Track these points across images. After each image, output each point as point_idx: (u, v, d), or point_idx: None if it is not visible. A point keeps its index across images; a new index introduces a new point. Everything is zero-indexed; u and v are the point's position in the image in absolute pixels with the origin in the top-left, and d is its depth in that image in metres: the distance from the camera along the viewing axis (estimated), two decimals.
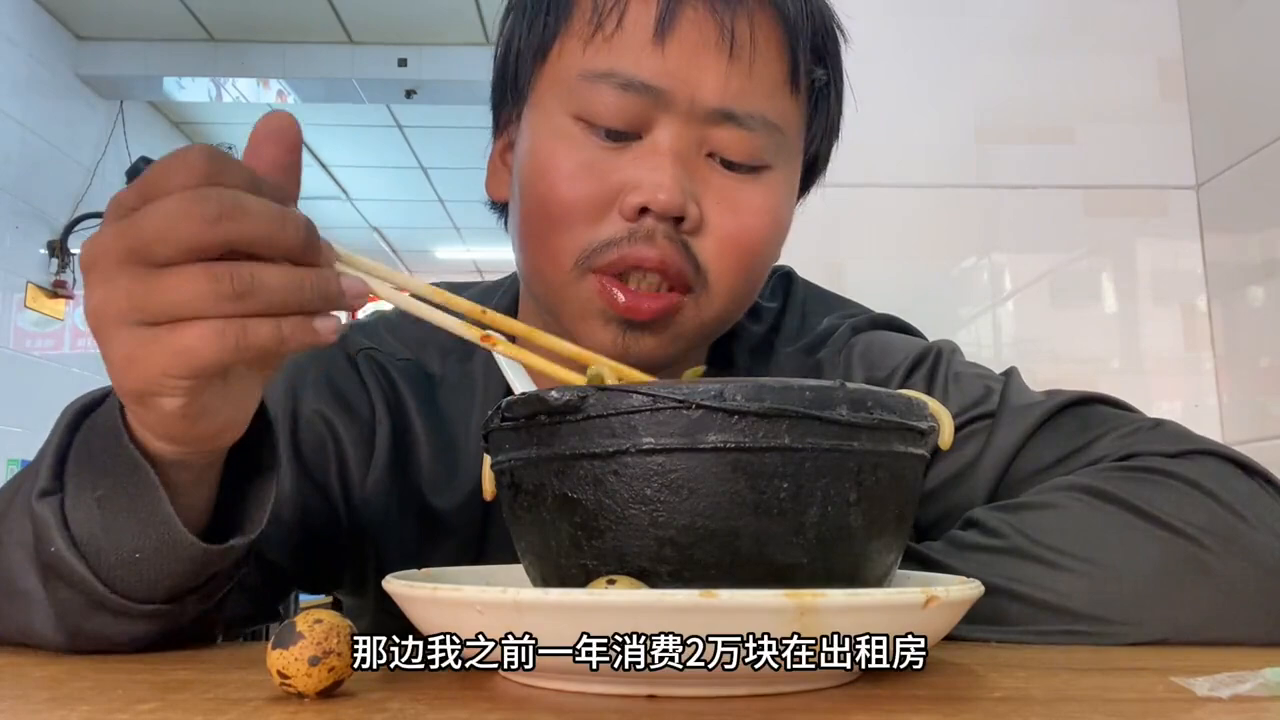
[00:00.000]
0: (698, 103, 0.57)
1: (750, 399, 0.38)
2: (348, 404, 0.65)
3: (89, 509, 0.44)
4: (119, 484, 0.44)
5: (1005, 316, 1.40)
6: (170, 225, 0.36)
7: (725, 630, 0.33)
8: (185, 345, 0.37)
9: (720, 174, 0.59)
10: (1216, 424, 1.35)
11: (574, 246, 0.58)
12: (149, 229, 0.36)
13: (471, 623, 0.36)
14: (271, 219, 0.37)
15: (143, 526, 0.43)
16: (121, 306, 0.37)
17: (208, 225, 0.36)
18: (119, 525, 0.44)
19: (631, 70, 0.57)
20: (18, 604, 0.47)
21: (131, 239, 0.37)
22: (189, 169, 0.37)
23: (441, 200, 6.17)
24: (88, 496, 0.44)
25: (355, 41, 4.32)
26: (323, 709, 0.34)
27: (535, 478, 0.42)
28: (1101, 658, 0.46)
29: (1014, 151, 1.40)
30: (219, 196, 0.36)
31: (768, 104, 0.59)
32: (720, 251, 0.58)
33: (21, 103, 3.99)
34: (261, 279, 0.37)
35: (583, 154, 0.58)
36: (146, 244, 0.36)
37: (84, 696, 0.38)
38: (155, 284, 0.36)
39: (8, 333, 3.96)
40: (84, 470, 0.45)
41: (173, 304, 0.36)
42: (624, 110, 0.57)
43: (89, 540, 0.44)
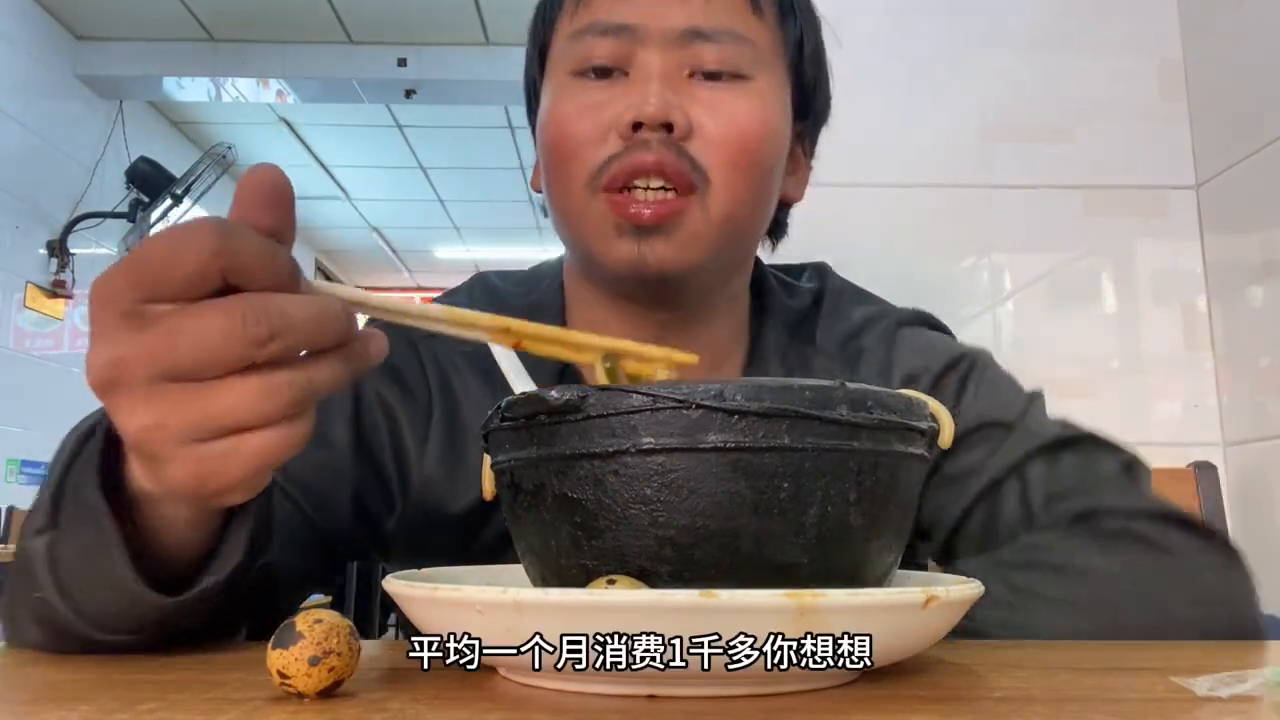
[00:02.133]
0: (668, 29, 0.64)
1: (750, 399, 0.38)
2: (407, 387, 0.68)
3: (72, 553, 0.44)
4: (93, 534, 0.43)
5: (1005, 316, 1.40)
6: (218, 349, 0.34)
7: (725, 630, 0.33)
8: (258, 450, 0.36)
9: (705, 86, 0.65)
10: (1216, 424, 1.35)
11: (583, 170, 0.64)
12: (189, 351, 0.34)
13: (471, 623, 0.36)
14: (314, 323, 0.36)
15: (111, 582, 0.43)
16: (180, 428, 0.35)
17: (259, 346, 0.35)
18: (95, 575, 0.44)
19: (608, 16, 0.65)
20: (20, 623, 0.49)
21: (170, 359, 0.34)
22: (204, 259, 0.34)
23: (441, 200, 6.17)
24: (76, 540, 0.44)
25: (355, 41, 4.32)
26: (323, 709, 0.34)
27: (535, 478, 0.42)
28: (1102, 658, 0.46)
29: (1014, 151, 1.40)
30: (264, 313, 0.35)
31: (732, 21, 0.65)
32: (714, 151, 0.63)
33: (21, 103, 3.99)
34: (314, 381, 0.37)
35: (581, 97, 0.66)
36: (189, 368, 0.35)
37: (84, 696, 0.38)
38: (214, 404, 0.35)
39: (7, 332, 3.96)
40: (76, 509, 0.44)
41: (238, 419, 0.35)
42: (607, 51, 0.65)
43: (70, 585, 0.44)
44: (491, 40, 4.29)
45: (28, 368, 4.08)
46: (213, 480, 0.37)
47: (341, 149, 5.41)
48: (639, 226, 0.62)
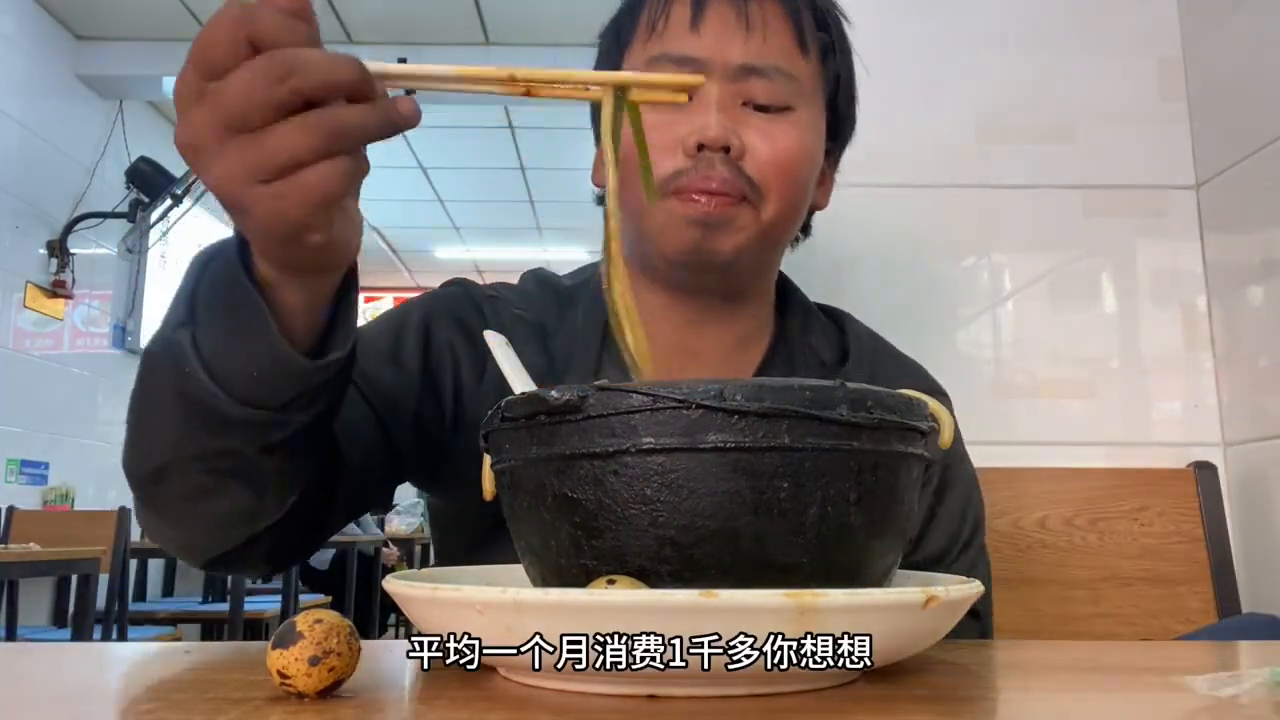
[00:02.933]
0: (728, 65, 0.75)
1: (750, 399, 0.38)
2: (470, 335, 0.79)
3: (215, 338, 0.53)
4: (238, 317, 0.52)
5: (1005, 316, 1.40)
6: (250, 93, 0.42)
7: (725, 630, 0.33)
8: (312, 184, 0.43)
9: (755, 116, 0.76)
10: (1216, 424, 1.35)
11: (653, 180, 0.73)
12: (233, 102, 0.42)
13: (471, 623, 0.36)
14: (328, 64, 0.43)
15: (257, 350, 0.52)
16: (245, 172, 0.43)
17: (279, 83, 0.42)
18: (239, 349, 0.52)
19: (678, 50, 0.76)
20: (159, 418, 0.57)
21: (222, 114, 0.42)
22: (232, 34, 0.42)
23: (441, 200, 6.17)
24: (215, 328, 0.53)
25: (355, 41, 4.32)
26: (323, 709, 0.34)
27: (535, 478, 0.42)
28: (1102, 658, 0.46)
29: (1014, 151, 1.40)
30: (280, 56, 0.42)
31: (782, 60, 0.76)
32: (764, 168, 0.74)
33: (21, 103, 3.98)
34: (345, 121, 0.44)
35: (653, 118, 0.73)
36: (238, 114, 0.42)
37: (84, 696, 0.38)
38: (264, 146, 0.43)
39: (7, 332, 3.96)
40: (212, 305, 0.53)
41: (288, 156, 0.43)
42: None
43: (215, 361, 0.53)
44: (491, 40, 4.29)
45: (28, 368, 4.08)
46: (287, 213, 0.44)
47: None
48: (705, 219, 0.73)
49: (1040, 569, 1.17)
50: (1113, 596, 1.17)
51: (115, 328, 4.70)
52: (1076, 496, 1.21)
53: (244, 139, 0.43)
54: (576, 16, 3.81)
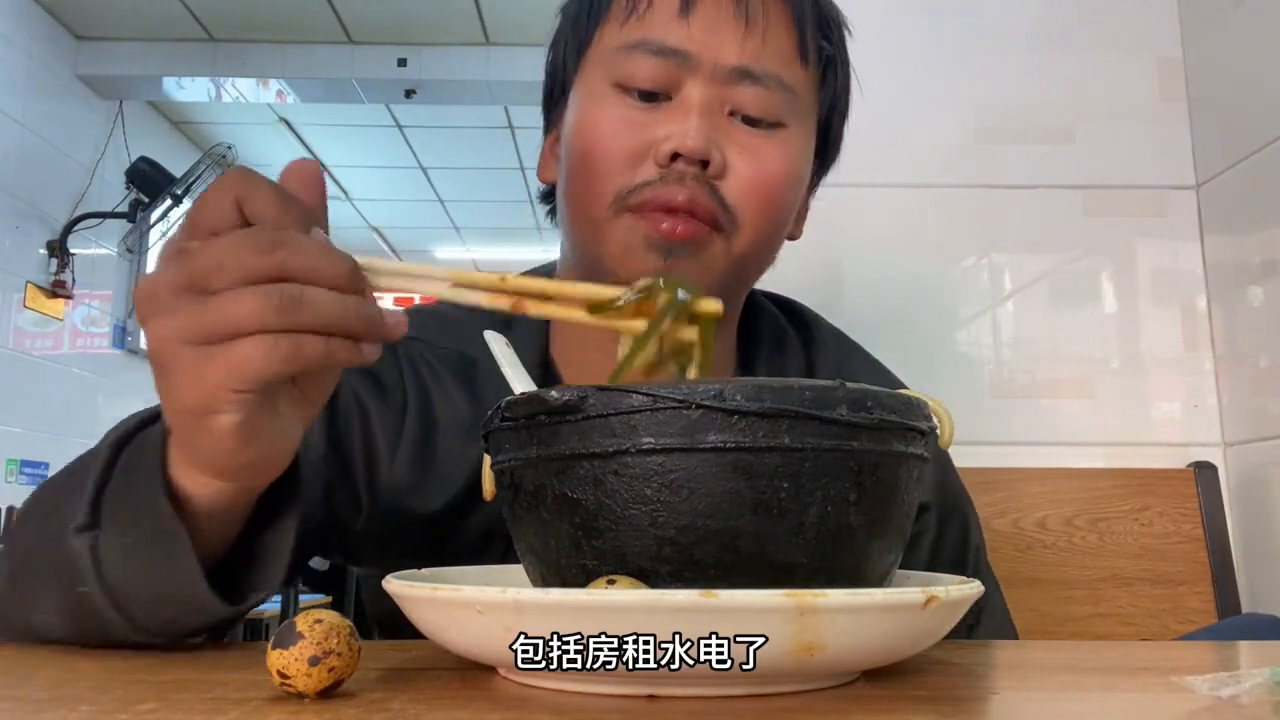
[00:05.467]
0: (719, 64, 0.65)
1: (750, 399, 0.38)
2: (382, 387, 0.69)
3: (119, 554, 0.46)
4: (151, 536, 0.45)
5: (1005, 316, 1.40)
6: (225, 257, 0.39)
7: (725, 630, 0.33)
8: (242, 357, 0.39)
9: (742, 129, 0.66)
10: (1216, 424, 1.35)
11: (611, 190, 0.64)
12: (204, 262, 0.39)
13: (471, 623, 0.36)
14: (318, 251, 0.40)
15: (171, 586, 0.46)
16: (180, 329, 0.40)
17: (261, 256, 0.39)
18: (148, 578, 0.46)
19: (661, 38, 0.65)
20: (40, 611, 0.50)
21: (187, 272, 0.40)
22: (226, 199, 0.40)
23: (441, 200, 6.16)
24: (119, 542, 0.46)
25: (355, 41, 4.32)
26: (323, 709, 0.34)
27: (535, 478, 0.42)
28: (1102, 658, 0.46)
29: (1014, 151, 1.40)
30: (271, 232, 0.40)
31: (781, 68, 0.66)
32: (744, 194, 0.65)
33: (21, 103, 3.98)
34: (309, 296, 0.39)
35: (621, 112, 0.66)
36: (203, 275, 0.39)
37: (84, 696, 0.38)
38: (211, 305, 0.39)
39: (7, 332, 3.96)
40: (120, 512, 0.47)
41: (228, 321, 0.39)
42: (656, 73, 0.65)
43: (118, 586, 0.46)
44: (491, 40, 4.28)
45: (27, 368, 4.07)
46: (200, 380, 0.40)
47: (341, 149, 5.41)
48: (669, 242, 0.63)
49: (1040, 569, 1.17)
50: (1113, 596, 1.17)
51: (115, 328, 4.70)
52: (1076, 496, 1.21)
53: (195, 298, 0.39)
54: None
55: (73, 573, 0.46)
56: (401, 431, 0.68)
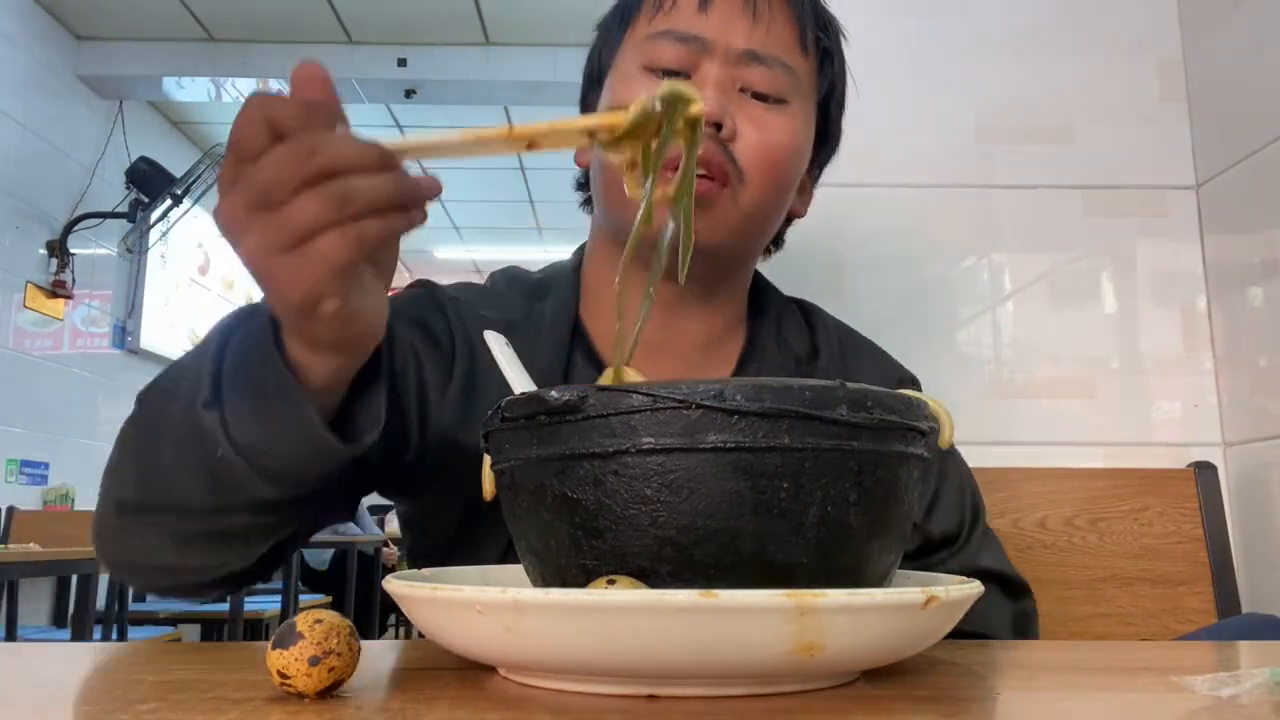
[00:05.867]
0: (732, 48, 0.76)
1: (750, 399, 0.38)
2: (434, 338, 0.78)
3: (248, 423, 0.54)
4: (272, 402, 0.53)
5: (1005, 316, 1.40)
6: (276, 172, 0.45)
7: (725, 630, 0.33)
8: (322, 252, 0.46)
9: (751, 103, 0.77)
10: (1216, 424, 1.35)
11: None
12: (260, 180, 0.45)
13: (471, 623, 0.36)
14: (349, 146, 0.46)
15: (296, 436, 0.54)
16: (264, 243, 0.46)
17: (305, 162, 0.45)
18: (276, 434, 0.54)
19: (683, 27, 0.77)
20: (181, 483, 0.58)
21: (250, 193, 0.45)
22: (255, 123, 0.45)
23: (441, 200, 6.17)
24: (245, 412, 0.54)
25: (355, 41, 4.32)
26: (323, 709, 0.34)
27: (535, 478, 0.42)
28: (1102, 658, 0.46)
29: (1014, 151, 1.40)
30: (307, 141, 0.45)
31: (784, 53, 0.78)
32: (751, 154, 0.75)
33: (21, 103, 3.98)
34: (355, 186, 0.45)
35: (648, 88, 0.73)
36: (264, 192, 0.45)
37: (84, 697, 0.38)
38: (281, 217, 0.45)
39: (7, 332, 3.96)
40: (239, 386, 0.55)
41: (300, 226, 0.45)
42: (678, 56, 0.77)
43: (248, 446, 0.54)
44: (491, 40, 4.29)
45: (27, 368, 4.08)
46: (301, 280, 0.46)
47: None
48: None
49: (1040, 569, 1.17)
50: (1113, 596, 1.17)
51: (115, 328, 4.70)
52: (1076, 497, 1.21)
53: (268, 214, 0.46)
54: (576, 17, 3.81)
55: (206, 441, 0.55)
56: (450, 377, 0.77)
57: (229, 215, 0.47)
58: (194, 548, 0.62)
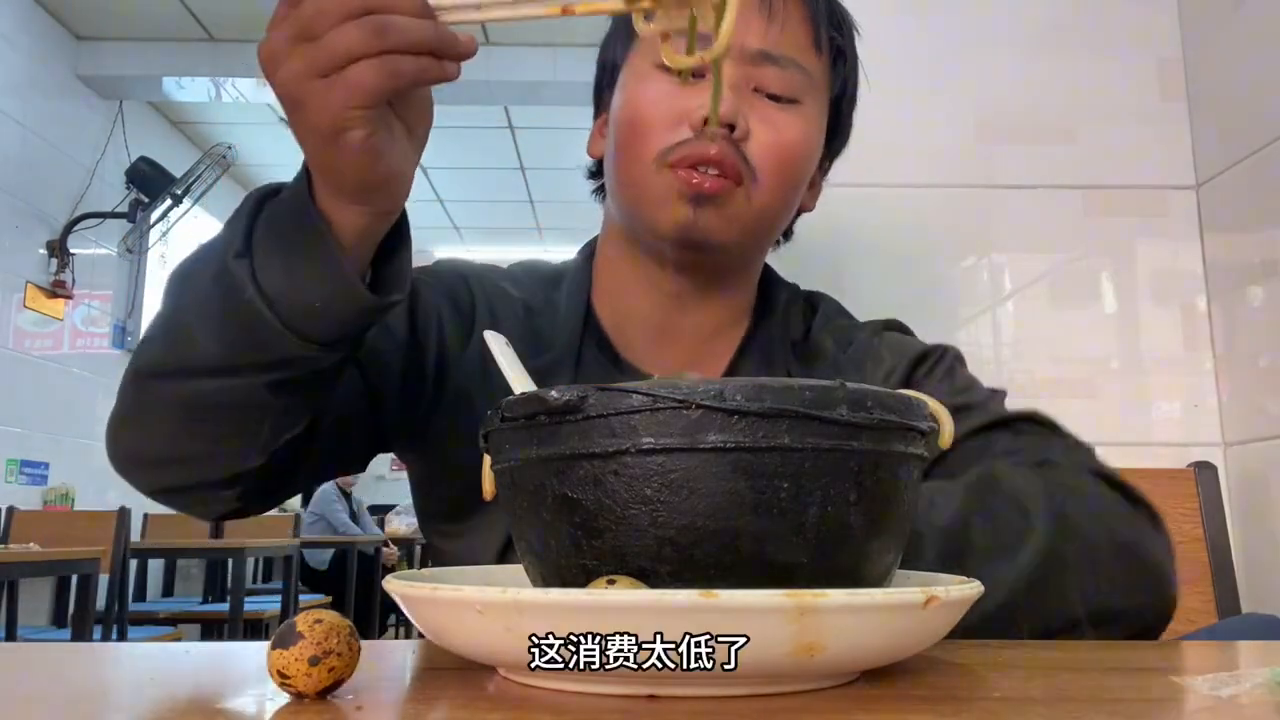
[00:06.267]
0: (746, 48, 0.76)
1: (750, 399, 0.38)
2: (457, 302, 0.82)
3: (277, 268, 0.56)
4: (303, 248, 0.55)
5: (1005, 316, 1.40)
6: (322, 4, 0.48)
7: (725, 630, 0.33)
8: (355, 79, 0.48)
9: (764, 103, 0.77)
10: (1216, 424, 1.35)
11: (655, 147, 0.76)
12: (305, 14, 0.48)
13: (471, 622, 0.36)
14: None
15: (324, 282, 0.55)
16: (303, 68, 0.49)
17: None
18: (305, 281, 0.55)
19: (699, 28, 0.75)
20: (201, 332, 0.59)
21: (295, 25, 0.48)
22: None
23: (441, 200, 6.17)
24: (275, 259, 0.56)
25: None
26: (323, 709, 0.34)
27: (535, 478, 0.42)
28: (1102, 658, 0.46)
29: (1014, 151, 1.40)
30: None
31: (797, 53, 0.78)
32: (763, 154, 0.76)
33: (21, 103, 3.98)
34: (394, 22, 0.48)
35: (663, 88, 0.77)
36: (309, 23, 0.48)
37: (84, 696, 0.38)
38: (322, 44, 0.48)
39: (7, 332, 3.96)
40: (271, 239, 0.56)
41: (339, 52, 0.47)
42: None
43: (276, 293, 0.55)
44: (491, 40, 4.29)
45: (27, 368, 4.08)
46: (332, 104, 0.49)
47: None
48: (698, 196, 0.74)
49: None
50: None
51: (115, 328, 4.70)
52: None
53: (309, 44, 0.48)
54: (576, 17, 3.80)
55: (234, 289, 0.56)
56: (469, 339, 0.80)
57: (272, 48, 0.50)
58: (203, 427, 0.62)
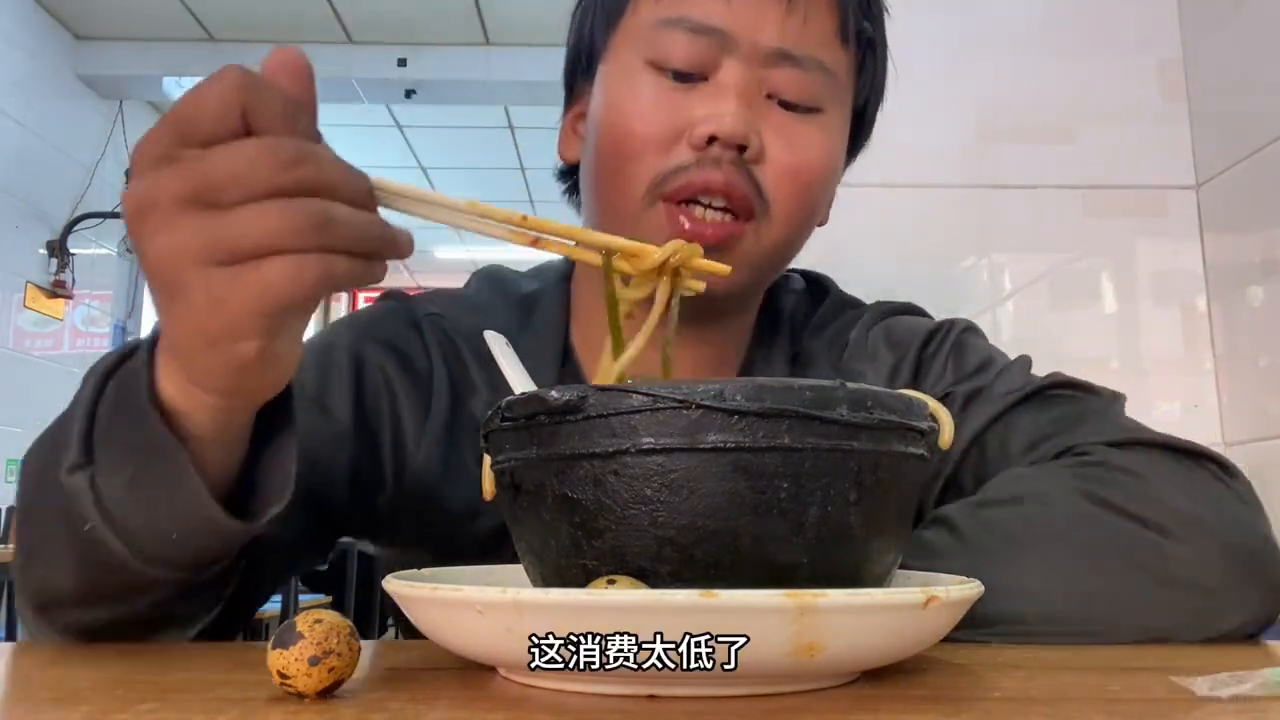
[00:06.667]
0: (759, 45, 0.63)
1: (750, 399, 0.38)
2: (409, 364, 0.67)
3: (120, 488, 0.44)
4: (150, 464, 0.43)
5: (1005, 316, 1.40)
6: (244, 170, 0.36)
7: (725, 630, 0.33)
8: (271, 280, 0.36)
9: (779, 113, 0.64)
10: (1216, 424, 1.35)
11: (645, 175, 0.63)
12: (219, 173, 0.36)
13: (471, 623, 0.36)
14: (340, 167, 0.38)
15: (178, 509, 0.44)
16: (197, 248, 0.36)
17: (284, 170, 0.36)
18: (153, 507, 0.44)
19: (700, 16, 0.63)
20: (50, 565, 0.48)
21: (197, 182, 0.36)
22: (230, 106, 0.36)
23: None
24: (119, 474, 0.44)
25: (355, 41, 4.32)
26: (323, 709, 0.34)
27: (535, 478, 0.42)
28: (1101, 658, 0.46)
29: (1014, 151, 1.40)
30: (294, 144, 0.37)
31: (821, 50, 0.65)
32: (779, 180, 0.63)
33: (21, 103, 3.99)
34: (336, 214, 0.37)
35: (655, 92, 0.64)
36: (216, 187, 0.36)
37: (84, 696, 0.38)
38: (232, 222, 0.36)
39: (7, 332, 3.96)
40: (113, 444, 0.45)
41: (254, 240, 0.36)
42: (693, 52, 0.63)
43: (123, 519, 0.44)
44: (491, 40, 4.29)
45: (27, 368, 4.08)
46: (226, 305, 0.37)
47: (341, 149, 5.34)
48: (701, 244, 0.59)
49: None
50: None
51: (115, 328, 4.70)
52: None
53: (210, 212, 0.36)
54: None
55: (75, 513, 0.44)
56: (429, 411, 0.67)
57: (146, 202, 0.37)
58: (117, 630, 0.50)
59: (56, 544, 0.47)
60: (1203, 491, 0.56)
